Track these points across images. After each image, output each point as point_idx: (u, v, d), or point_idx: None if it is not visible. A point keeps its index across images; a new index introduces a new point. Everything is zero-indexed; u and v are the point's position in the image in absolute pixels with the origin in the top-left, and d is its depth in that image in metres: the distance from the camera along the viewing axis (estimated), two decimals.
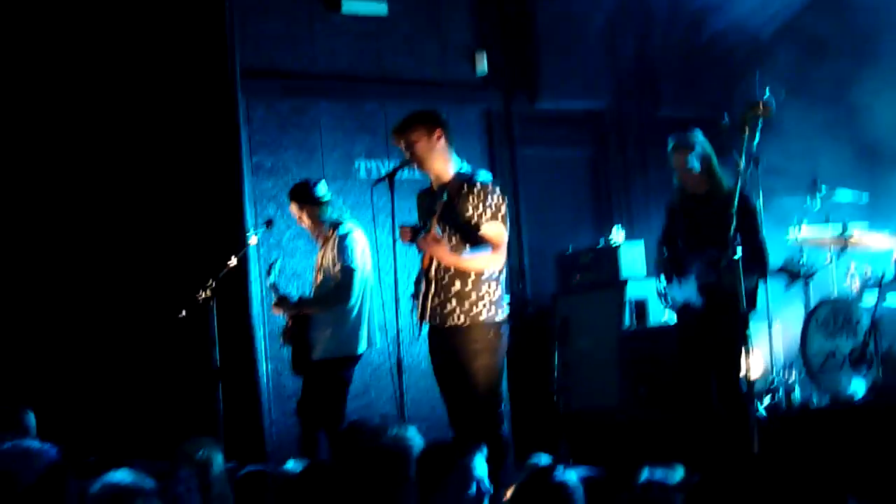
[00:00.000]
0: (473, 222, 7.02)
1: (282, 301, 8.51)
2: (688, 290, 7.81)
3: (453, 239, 7.02)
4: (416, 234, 7.01)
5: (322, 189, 8.56)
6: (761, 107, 6.34)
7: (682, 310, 8.00)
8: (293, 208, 8.63)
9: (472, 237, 7.01)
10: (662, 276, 8.08)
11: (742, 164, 6.30)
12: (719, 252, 7.07)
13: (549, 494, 4.32)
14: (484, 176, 7.26)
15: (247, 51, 9.76)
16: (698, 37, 11.25)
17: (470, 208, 7.01)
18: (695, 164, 7.80)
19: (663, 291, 8.06)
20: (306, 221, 8.56)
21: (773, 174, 8.22)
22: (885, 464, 7.35)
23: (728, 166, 7.43)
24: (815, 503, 3.35)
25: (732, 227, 6.62)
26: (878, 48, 10.23)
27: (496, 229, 7.06)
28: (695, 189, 7.93)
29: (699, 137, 7.86)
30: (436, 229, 6.92)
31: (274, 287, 8.54)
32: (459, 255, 6.99)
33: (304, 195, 8.55)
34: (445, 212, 6.97)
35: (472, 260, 7.02)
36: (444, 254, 6.96)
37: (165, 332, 8.66)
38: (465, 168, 7.28)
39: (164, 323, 8.39)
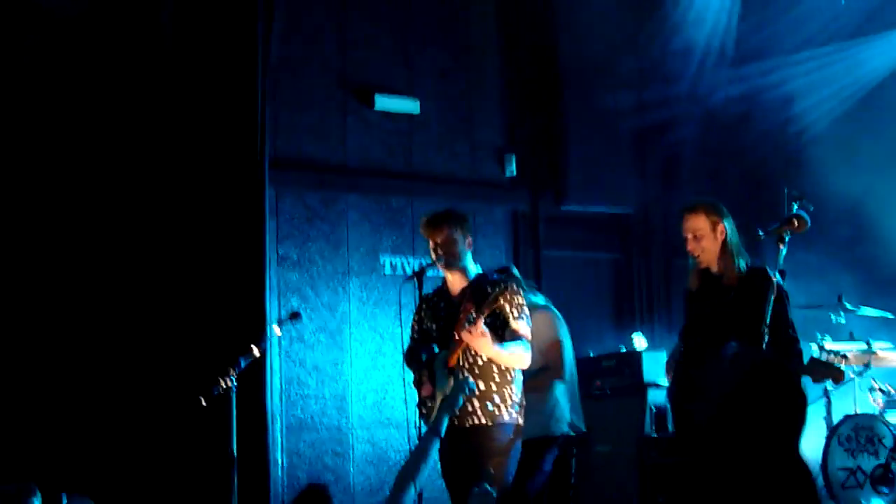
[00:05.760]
0: (504, 320, 7.02)
1: None
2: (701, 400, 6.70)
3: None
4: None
5: None
6: (796, 222, 6.33)
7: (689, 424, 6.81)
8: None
9: (504, 334, 7.02)
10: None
11: (776, 277, 6.26)
12: (741, 346, 6.37)
13: None
14: (506, 276, 7.30)
15: (279, 141, 9.85)
16: (728, 148, 11.30)
17: (501, 307, 6.99)
18: (709, 233, 6.84)
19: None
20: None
21: (798, 288, 8.18)
22: None
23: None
24: None
25: (766, 315, 6.15)
26: None
27: (525, 327, 7.09)
28: (709, 266, 6.90)
29: (719, 205, 6.95)
30: (481, 323, 6.88)
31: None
32: (499, 347, 6.98)
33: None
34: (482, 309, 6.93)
35: (511, 353, 7.01)
36: (488, 345, 6.92)
37: (184, 419, 8.62)
38: (483, 269, 7.31)
39: (183, 409, 8.35)
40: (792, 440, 6.61)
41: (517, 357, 7.04)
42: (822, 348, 8.93)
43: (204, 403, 7.65)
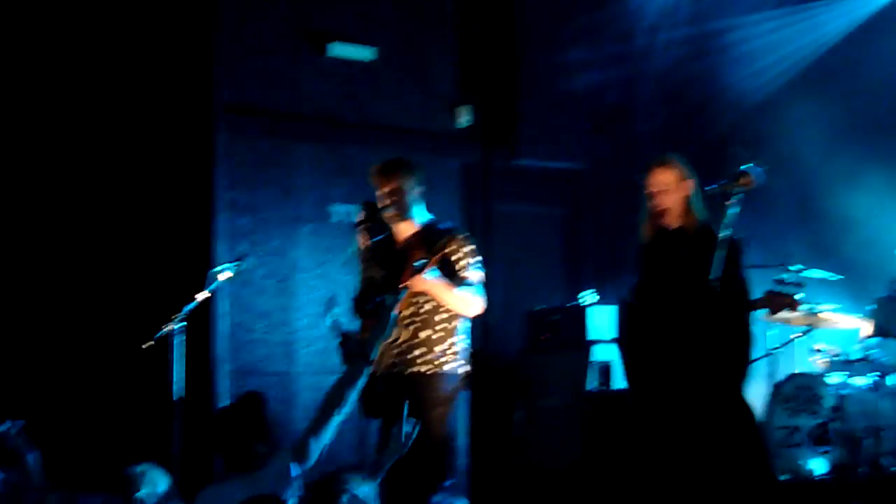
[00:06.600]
0: (454, 267, 7.03)
1: None
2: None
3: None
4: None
5: None
6: (744, 178, 6.36)
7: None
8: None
9: (454, 281, 7.05)
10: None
11: (723, 234, 6.30)
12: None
13: None
14: (454, 225, 7.34)
15: (231, 87, 9.79)
16: (681, 105, 11.31)
17: (450, 255, 7.01)
18: (675, 189, 6.89)
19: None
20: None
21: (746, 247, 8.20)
22: None
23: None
24: None
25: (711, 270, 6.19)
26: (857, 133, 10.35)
27: (476, 273, 7.14)
28: (668, 221, 6.96)
29: (688, 163, 6.98)
30: (430, 269, 6.90)
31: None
32: (452, 290, 6.99)
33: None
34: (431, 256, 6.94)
35: (462, 297, 7.05)
36: (439, 288, 6.95)
37: (129, 361, 8.59)
38: (431, 218, 7.32)
39: (129, 352, 8.33)
40: (736, 381, 6.65)
41: (469, 301, 7.06)
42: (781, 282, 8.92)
43: (149, 346, 7.65)
